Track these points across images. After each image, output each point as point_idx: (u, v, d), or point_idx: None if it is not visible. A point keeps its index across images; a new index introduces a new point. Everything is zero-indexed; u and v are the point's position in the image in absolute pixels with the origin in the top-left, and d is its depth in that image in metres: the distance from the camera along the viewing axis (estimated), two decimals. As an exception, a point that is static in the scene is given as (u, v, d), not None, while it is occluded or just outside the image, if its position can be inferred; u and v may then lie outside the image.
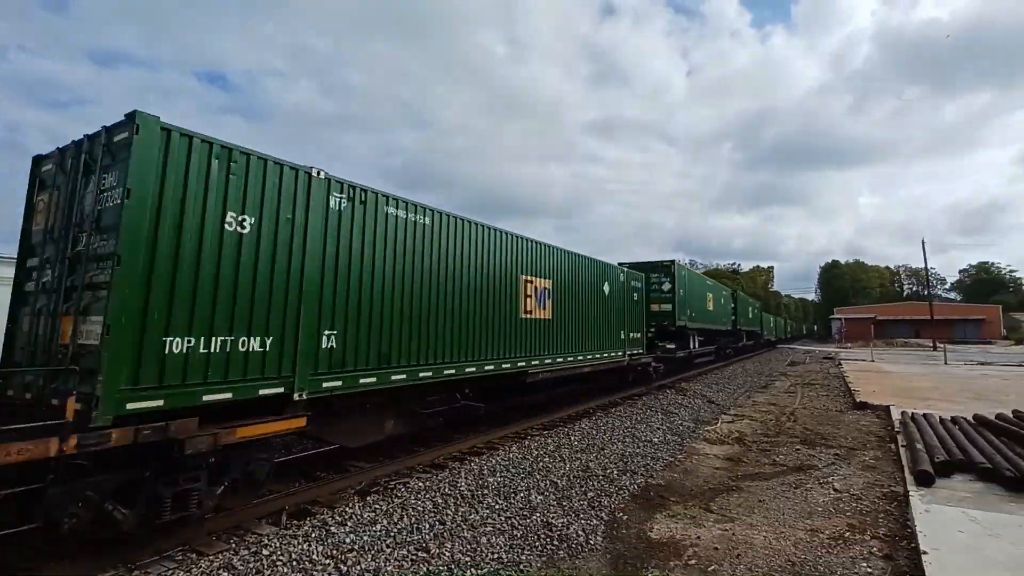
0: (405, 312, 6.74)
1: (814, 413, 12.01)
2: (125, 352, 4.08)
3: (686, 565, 4.37)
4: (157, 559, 4.33)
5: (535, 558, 4.48)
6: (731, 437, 9.21)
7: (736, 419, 11.11)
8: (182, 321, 4.45)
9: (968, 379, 18.73)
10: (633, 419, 10.61)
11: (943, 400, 12.90)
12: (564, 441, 8.55)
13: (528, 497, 5.87)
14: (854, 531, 5.04)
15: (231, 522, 5.03)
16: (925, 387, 16.04)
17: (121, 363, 4.06)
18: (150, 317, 4.24)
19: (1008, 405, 11.04)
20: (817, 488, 6.38)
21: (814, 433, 9.65)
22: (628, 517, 5.45)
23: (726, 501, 5.96)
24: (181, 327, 4.44)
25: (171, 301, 4.39)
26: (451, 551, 4.50)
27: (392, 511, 5.32)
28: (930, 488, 5.82)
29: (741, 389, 16.72)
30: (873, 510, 5.61)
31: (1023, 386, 16.37)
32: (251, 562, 4.18)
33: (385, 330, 6.44)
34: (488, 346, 8.39)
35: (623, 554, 4.60)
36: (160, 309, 4.32)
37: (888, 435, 9.30)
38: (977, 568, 3.93)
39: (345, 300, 5.93)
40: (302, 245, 5.44)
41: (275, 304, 5.16)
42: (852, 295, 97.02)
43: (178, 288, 4.43)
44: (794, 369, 25.48)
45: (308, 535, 4.69)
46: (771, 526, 5.20)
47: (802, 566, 4.33)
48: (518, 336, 9.19)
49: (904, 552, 4.52)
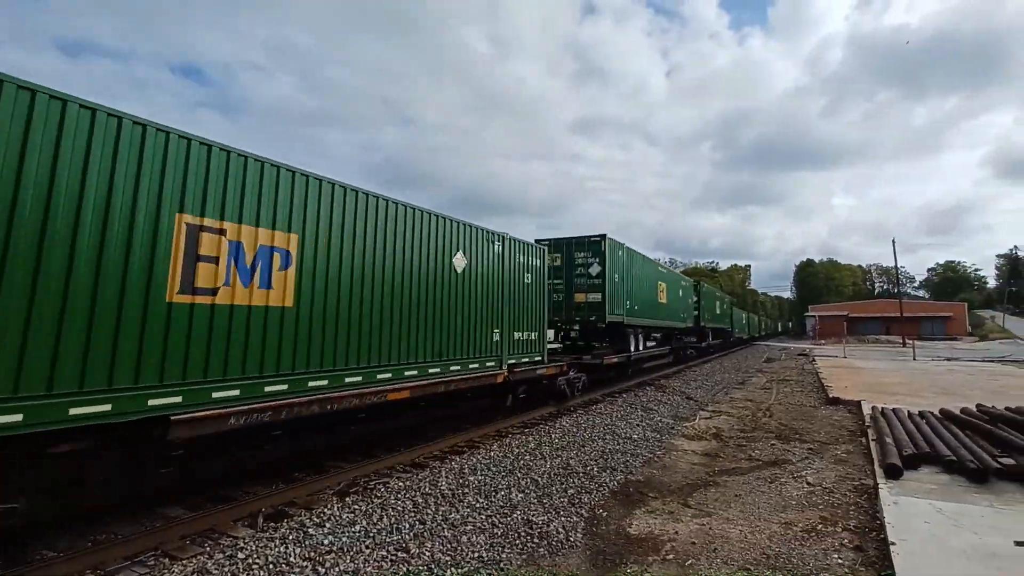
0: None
1: (789, 409, 12.27)
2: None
3: (664, 560, 4.42)
4: (128, 564, 4.22)
5: (515, 556, 4.49)
6: (709, 433, 9.36)
7: (714, 415, 11.30)
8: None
9: (935, 375, 19.34)
10: (614, 416, 10.70)
11: (911, 395, 13.30)
12: (545, 439, 8.58)
13: (509, 495, 5.88)
14: (826, 523, 5.16)
15: (205, 525, 4.93)
16: (894, 383, 16.52)
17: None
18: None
19: (972, 400, 11.43)
20: (791, 482, 6.52)
21: (789, 428, 9.86)
22: (608, 513, 5.49)
23: (704, 496, 6.06)
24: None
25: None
26: (431, 551, 4.48)
27: (371, 511, 5.27)
28: (898, 480, 5.99)
29: (719, 386, 16.99)
30: (844, 503, 5.76)
31: (987, 381, 16.98)
32: (226, 566, 4.10)
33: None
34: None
35: (603, 550, 4.64)
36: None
37: (859, 429, 9.55)
38: (942, 557, 4.06)
39: None
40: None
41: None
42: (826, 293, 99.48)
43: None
44: (770, 366, 25.99)
45: (285, 537, 4.63)
46: (747, 520, 5.30)
47: (776, 559, 4.42)
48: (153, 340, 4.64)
49: (873, 543, 4.65)
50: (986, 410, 8.88)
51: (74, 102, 4.24)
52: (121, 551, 4.34)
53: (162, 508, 5.28)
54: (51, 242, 4.07)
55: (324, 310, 6.22)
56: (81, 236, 4.24)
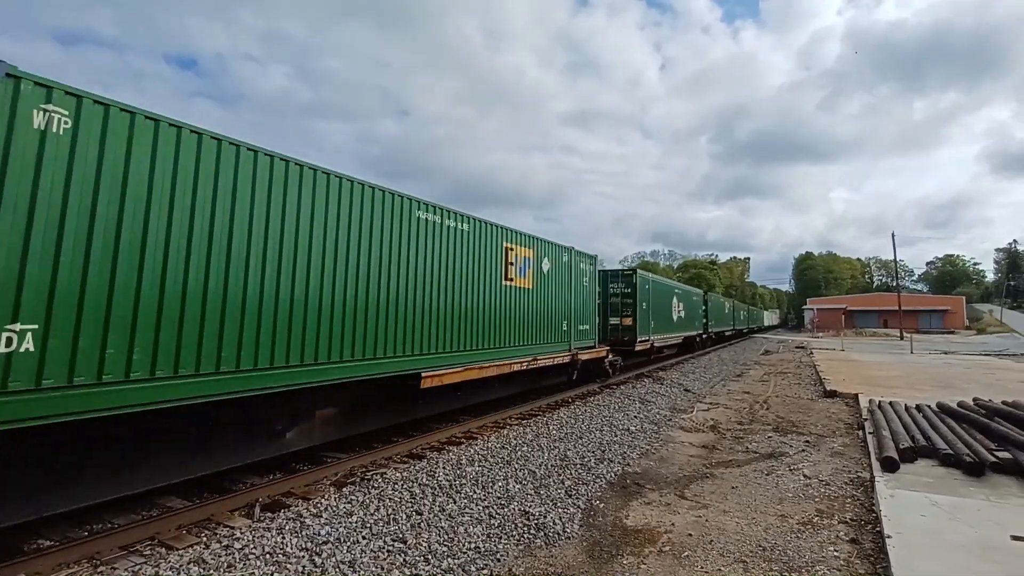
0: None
1: (786, 401, 12.30)
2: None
3: (660, 551, 4.43)
4: (124, 554, 4.22)
5: (512, 547, 4.50)
6: (706, 425, 9.37)
7: (711, 407, 11.32)
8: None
9: (933, 368, 19.39)
10: (612, 408, 10.71)
11: (909, 388, 13.34)
12: (543, 430, 8.59)
13: (506, 486, 5.89)
14: (822, 516, 5.18)
15: (202, 515, 4.93)
16: (892, 376, 16.56)
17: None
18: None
19: (969, 393, 11.47)
20: (788, 474, 6.54)
21: (786, 421, 9.88)
22: (605, 505, 5.50)
23: (700, 488, 6.07)
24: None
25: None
26: (428, 541, 4.49)
27: (368, 502, 5.27)
28: (895, 474, 6.01)
29: (717, 378, 17.03)
30: (841, 495, 5.77)
31: (984, 374, 17.03)
32: (222, 556, 4.10)
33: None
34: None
35: (599, 541, 4.64)
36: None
37: (856, 422, 9.58)
38: (937, 550, 4.07)
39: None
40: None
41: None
42: (825, 286, 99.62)
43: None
44: (768, 358, 26.04)
45: (282, 527, 4.63)
46: (743, 512, 5.31)
47: (772, 551, 4.43)
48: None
49: (869, 536, 4.66)
50: (983, 404, 8.90)
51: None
52: (117, 540, 4.33)
53: (159, 498, 5.28)
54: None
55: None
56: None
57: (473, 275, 8.94)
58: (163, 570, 3.88)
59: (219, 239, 5.08)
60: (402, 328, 7.31)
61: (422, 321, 7.71)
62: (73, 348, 4.03)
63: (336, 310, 6.29)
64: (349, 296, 6.48)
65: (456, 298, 8.49)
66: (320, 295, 6.09)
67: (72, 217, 4.07)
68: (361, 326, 6.62)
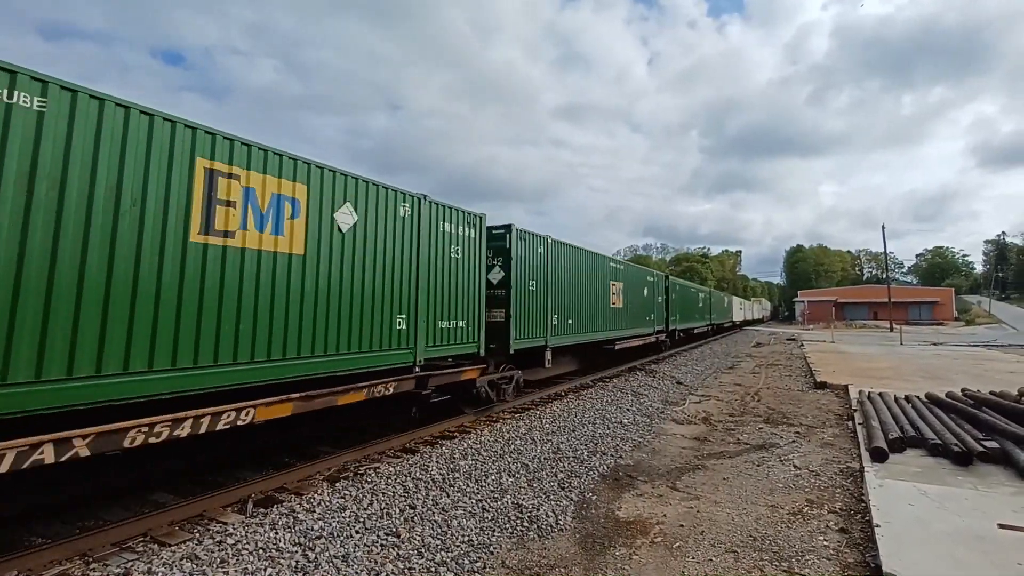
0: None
1: (777, 393, 12.41)
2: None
3: (652, 542, 4.47)
4: (116, 550, 4.19)
5: (505, 539, 4.52)
6: (698, 417, 9.44)
7: (703, 399, 11.39)
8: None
9: (922, 359, 19.62)
10: (604, 401, 10.76)
11: (898, 379, 13.50)
12: (536, 424, 8.61)
13: (499, 480, 5.91)
14: (812, 506, 5.24)
15: (194, 511, 4.90)
16: (882, 367, 16.74)
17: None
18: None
19: (958, 384, 11.62)
20: (778, 465, 6.60)
21: (777, 412, 9.97)
22: (597, 497, 5.53)
23: (692, 479, 6.12)
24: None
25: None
26: (421, 535, 4.49)
27: (362, 497, 5.27)
28: (884, 464, 6.08)
29: (709, 370, 17.13)
30: (830, 486, 5.84)
31: (973, 365, 17.25)
32: (215, 551, 4.09)
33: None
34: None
35: (592, 533, 4.67)
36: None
37: (846, 413, 9.68)
38: (926, 539, 4.13)
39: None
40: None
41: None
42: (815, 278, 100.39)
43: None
44: (759, 350, 26.23)
45: (275, 523, 4.62)
46: (734, 503, 5.36)
47: (763, 541, 4.48)
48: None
49: (859, 525, 4.72)
50: (971, 394, 9.01)
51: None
52: (109, 537, 4.30)
53: (151, 494, 5.25)
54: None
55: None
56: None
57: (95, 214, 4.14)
58: (155, 566, 3.86)
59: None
60: None
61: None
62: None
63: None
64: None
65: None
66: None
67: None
68: None
